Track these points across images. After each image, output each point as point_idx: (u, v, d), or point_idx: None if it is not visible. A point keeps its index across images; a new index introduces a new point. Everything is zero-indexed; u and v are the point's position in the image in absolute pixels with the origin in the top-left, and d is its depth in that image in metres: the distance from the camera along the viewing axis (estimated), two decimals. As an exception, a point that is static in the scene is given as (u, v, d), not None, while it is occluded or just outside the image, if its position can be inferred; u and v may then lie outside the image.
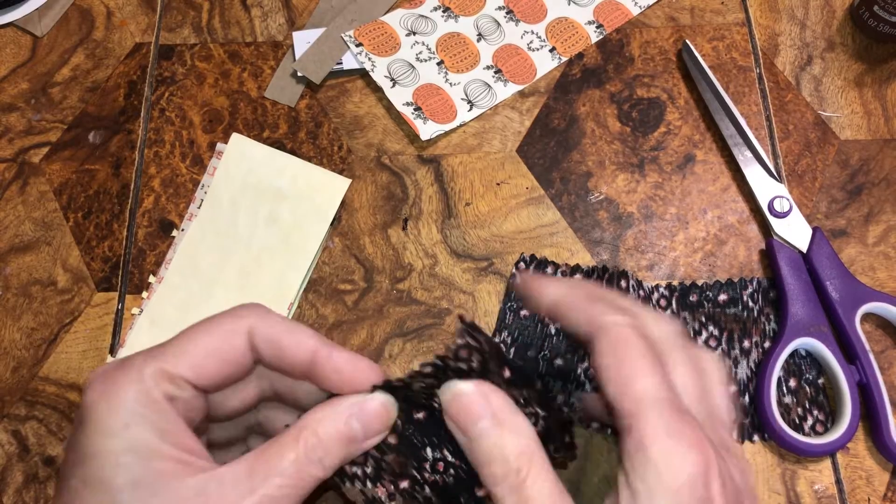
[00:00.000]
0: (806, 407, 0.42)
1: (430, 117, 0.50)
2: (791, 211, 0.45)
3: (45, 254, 0.48)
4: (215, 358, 0.27)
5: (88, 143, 0.51)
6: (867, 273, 0.46)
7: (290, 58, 0.53)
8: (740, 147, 0.48)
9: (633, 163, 0.49)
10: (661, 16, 0.53)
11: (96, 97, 0.52)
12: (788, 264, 0.44)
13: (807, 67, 0.51)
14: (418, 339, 0.45)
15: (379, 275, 0.47)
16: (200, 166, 0.50)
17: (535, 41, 0.53)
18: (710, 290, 0.45)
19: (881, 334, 0.44)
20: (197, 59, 0.53)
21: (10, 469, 0.43)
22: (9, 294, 0.47)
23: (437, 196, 0.48)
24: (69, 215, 0.49)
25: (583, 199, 0.48)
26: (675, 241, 0.47)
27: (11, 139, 0.51)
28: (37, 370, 0.45)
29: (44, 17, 0.55)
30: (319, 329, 0.45)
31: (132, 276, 0.47)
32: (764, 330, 0.44)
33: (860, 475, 0.41)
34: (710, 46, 0.52)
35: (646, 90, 0.51)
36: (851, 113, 0.50)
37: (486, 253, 0.47)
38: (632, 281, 0.43)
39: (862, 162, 0.48)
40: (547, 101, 0.51)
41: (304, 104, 0.51)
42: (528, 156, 0.49)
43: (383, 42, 0.52)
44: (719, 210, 0.48)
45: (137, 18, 0.55)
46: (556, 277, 0.27)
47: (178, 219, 0.48)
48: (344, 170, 0.49)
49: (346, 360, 0.28)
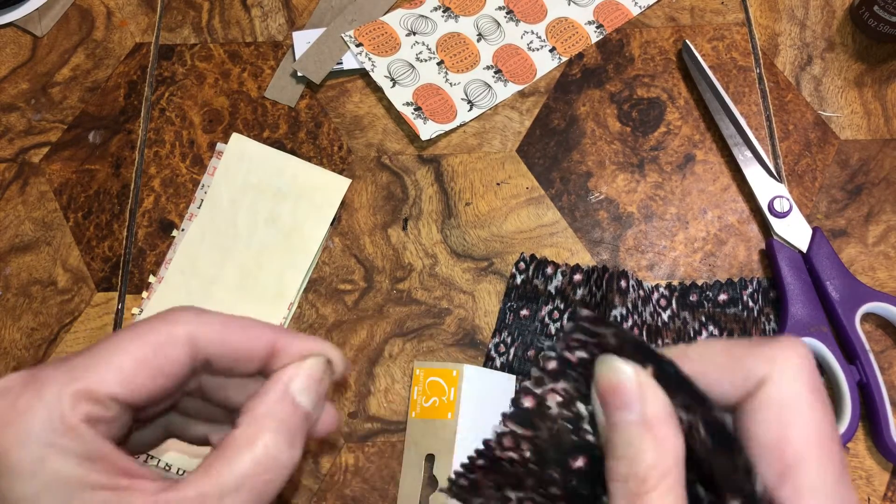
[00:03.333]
0: (806, 407, 0.42)
1: (430, 117, 0.50)
2: (791, 211, 0.45)
3: (45, 254, 0.48)
4: (148, 370, 0.23)
5: (88, 143, 0.51)
6: (867, 273, 0.46)
7: (290, 58, 0.53)
8: (740, 147, 0.48)
9: (633, 163, 0.49)
10: (661, 16, 0.53)
11: (96, 97, 0.52)
12: (788, 264, 0.44)
13: (807, 67, 0.51)
14: (418, 339, 0.45)
15: (379, 275, 0.47)
16: (200, 166, 0.50)
17: (535, 41, 0.53)
18: (710, 290, 0.45)
19: (881, 334, 0.44)
20: (197, 59, 0.53)
21: (10, 469, 0.43)
22: (9, 294, 0.47)
23: (437, 196, 0.48)
24: (69, 215, 0.49)
25: (583, 199, 0.48)
26: (675, 241, 0.47)
27: (11, 139, 0.51)
28: (37, 370, 0.45)
29: (44, 17, 0.55)
30: (319, 329, 0.45)
31: (132, 276, 0.47)
32: (764, 330, 0.44)
33: (860, 475, 0.41)
34: (710, 46, 0.52)
35: (646, 90, 0.51)
36: (851, 113, 0.50)
37: (486, 253, 0.47)
38: (632, 281, 0.43)
39: (862, 162, 0.48)
40: (547, 101, 0.51)
41: (304, 104, 0.51)
42: (528, 156, 0.49)
43: (383, 42, 0.52)
44: (719, 210, 0.48)
45: (137, 18, 0.55)
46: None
47: (178, 219, 0.48)
48: (344, 170, 0.49)
49: (310, 343, 0.26)
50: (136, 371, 0.23)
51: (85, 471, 0.21)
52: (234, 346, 0.25)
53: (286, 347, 0.25)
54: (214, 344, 0.25)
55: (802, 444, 0.19)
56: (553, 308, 0.45)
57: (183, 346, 0.24)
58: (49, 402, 0.21)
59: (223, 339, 0.25)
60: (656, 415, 0.20)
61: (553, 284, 0.45)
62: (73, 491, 0.21)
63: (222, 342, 0.25)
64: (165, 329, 0.24)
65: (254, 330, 0.25)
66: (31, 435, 0.21)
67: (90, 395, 0.22)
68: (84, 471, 0.21)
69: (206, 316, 0.25)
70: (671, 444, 0.20)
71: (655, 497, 0.20)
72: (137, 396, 0.23)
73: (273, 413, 0.24)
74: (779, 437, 0.20)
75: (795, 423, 0.20)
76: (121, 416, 0.23)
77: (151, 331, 0.24)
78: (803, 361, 0.20)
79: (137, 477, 0.22)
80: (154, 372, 0.23)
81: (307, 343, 0.26)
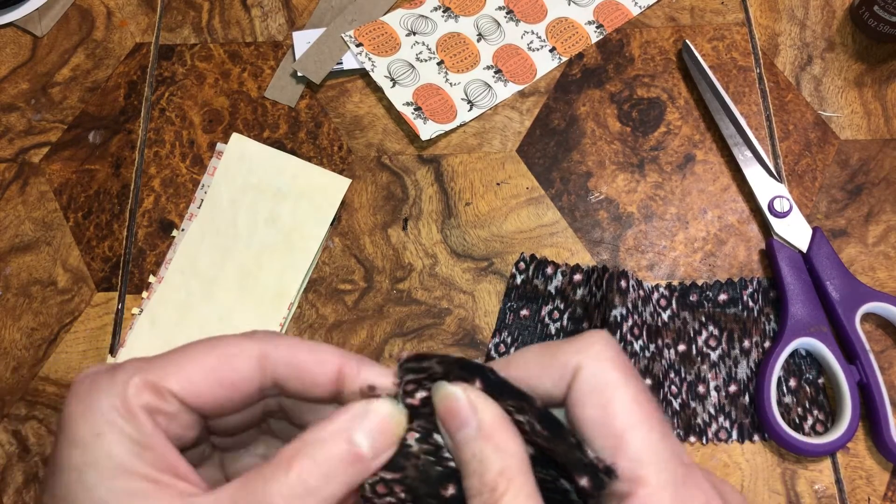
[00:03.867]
0: (806, 407, 0.42)
1: (430, 117, 0.50)
2: (791, 211, 0.45)
3: (45, 254, 0.48)
4: (213, 378, 0.24)
5: (88, 143, 0.51)
6: (867, 273, 0.46)
7: (290, 58, 0.53)
8: (740, 147, 0.48)
9: (633, 163, 0.49)
10: (661, 16, 0.53)
11: (96, 97, 0.52)
12: (788, 264, 0.44)
13: (807, 67, 0.51)
14: (418, 339, 0.45)
15: (379, 275, 0.47)
16: (200, 166, 0.50)
17: (535, 41, 0.53)
18: (710, 290, 0.45)
19: (881, 334, 0.44)
20: (197, 59, 0.53)
21: (10, 469, 0.43)
22: (9, 294, 0.47)
23: (438, 196, 0.48)
24: (69, 215, 0.49)
25: (583, 199, 0.48)
26: (675, 241, 0.47)
27: (11, 139, 0.51)
28: (37, 370, 0.45)
29: (44, 17, 0.55)
30: (319, 329, 0.45)
31: (132, 276, 0.47)
32: (764, 330, 0.44)
33: (860, 475, 0.41)
34: (710, 46, 0.52)
35: (646, 90, 0.51)
36: (851, 113, 0.50)
37: (486, 253, 0.47)
38: (632, 281, 0.43)
39: (862, 162, 0.48)
40: (547, 101, 0.51)
41: (304, 104, 0.51)
42: (528, 156, 0.49)
43: (383, 42, 0.52)
44: (719, 210, 0.48)
45: (137, 18, 0.55)
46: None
47: (178, 219, 0.48)
48: (344, 170, 0.49)
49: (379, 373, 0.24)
50: (202, 376, 0.24)
51: (133, 456, 0.22)
52: (300, 367, 0.25)
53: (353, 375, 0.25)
54: (282, 363, 0.25)
55: (624, 414, 0.21)
56: (553, 308, 0.45)
57: (251, 361, 0.24)
58: (117, 386, 0.22)
59: (290, 359, 0.25)
60: (491, 423, 0.22)
61: (553, 284, 0.45)
62: (117, 472, 0.21)
63: (289, 362, 0.25)
64: (237, 343, 0.25)
65: (321, 353, 0.25)
66: (96, 410, 0.22)
67: (153, 386, 0.23)
68: (132, 456, 0.22)
69: (278, 338, 0.25)
70: (512, 448, 0.22)
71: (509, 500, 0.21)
72: (200, 401, 0.24)
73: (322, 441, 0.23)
74: (603, 414, 0.21)
75: (613, 398, 0.21)
76: (183, 416, 0.24)
77: (224, 343, 0.24)
78: (607, 345, 0.22)
79: (182, 478, 0.22)
80: (219, 380, 0.24)
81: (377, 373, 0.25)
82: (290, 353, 0.25)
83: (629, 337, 0.42)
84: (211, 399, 0.24)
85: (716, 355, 0.44)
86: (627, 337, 0.42)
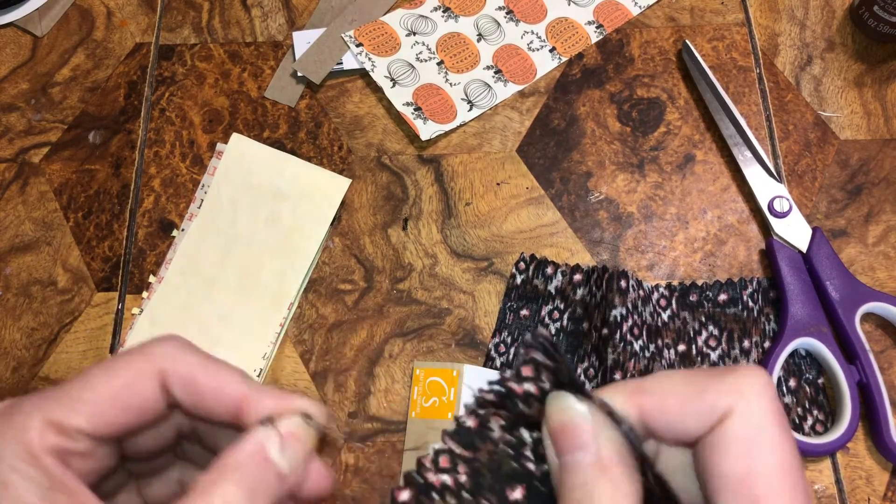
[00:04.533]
0: (806, 407, 0.43)
1: (430, 117, 0.50)
2: (791, 211, 0.45)
3: (45, 254, 0.48)
4: (117, 405, 0.23)
5: (88, 143, 0.51)
6: (867, 273, 0.46)
7: (290, 58, 0.53)
8: (740, 147, 0.48)
9: (633, 163, 0.49)
10: (661, 16, 0.53)
11: (96, 97, 0.52)
12: (788, 264, 0.44)
13: (807, 67, 0.51)
14: (418, 339, 0.45)
15: (379, 275, 0.47)
16: (200, 166, 0.50)
17: (535, 41, 0.53)
18: (710, 290, 0.45)
19: (881, 334, 0.44)
20: (197, 60, 0.53)
21: (10, 469, 0.43)
22: (9, 294, 0.47)
23: (437, 196, 0.48)
24: (69, 215, 0.49)
25: (583, 199, 0.48)
26: (675, 241, 0.47)
27: (11, 139, 0.51)
28: (37, 370, 0.45)
29: (44, 17, 0.55)
30: (319, 329, 0.46)
31: (132, 276, 0.47)
32: (764, 330, 0.44)
33: (860, 475, 0.41)
34: (710, 46, 0.52)
35: (646, 90, 0.51)
36: (851, 113, 0.50)
37: (486, 253, 0.47)
38: (632, 281, 0.43)
39: (862, 162, 0.48)
40: (547, 101, 0.51)
41: (304, 104, 0.51)
42: (528, 156, 0.49)
43: (383, 42, 0.52)
44: (719, 210, 0.48)
45: (137, 18, 0.55)
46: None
47: (178, 219, 0.48)
48: (344, 170, 0.49)
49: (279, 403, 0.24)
50: (107, 406, 0.23)
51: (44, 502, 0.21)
52: (200, 391, 0.24)
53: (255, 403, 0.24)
54: (181, 385, 0.24)
55: (771, 477, 0.19)
56: (553, 308, 0.45)
57: (153, 382, 0.24)
58: (18, 430, 0.21)
59: (192, 381, 0.24)
60: (611, 457, 0.20)
61: (553, 284, 0.45)
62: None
63: (189, 385, 0.24)
64: (137, 365, 0.24)
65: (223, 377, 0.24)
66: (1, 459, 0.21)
67: (58, 426, 0.22)
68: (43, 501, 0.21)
69: (184, 354, 0.24)
70: (627, 488, 0.20)
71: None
72: (107, 430, 0.23)
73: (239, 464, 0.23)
74: (746, 471, 0.19)
75: (762, 457, 0.19)
76: (94, 451, 0.23)
77: (125, 365, 0.24)
78: (767, 391, 0.20)
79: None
80: (124, 406, 0.23)
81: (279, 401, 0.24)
82: (188, 374, 0.24)
83: (629, 337, 0.42)
84: (121, 425, 0.23)
85: (716, 355, 0.44)
86: (627, 337, 0.42)
